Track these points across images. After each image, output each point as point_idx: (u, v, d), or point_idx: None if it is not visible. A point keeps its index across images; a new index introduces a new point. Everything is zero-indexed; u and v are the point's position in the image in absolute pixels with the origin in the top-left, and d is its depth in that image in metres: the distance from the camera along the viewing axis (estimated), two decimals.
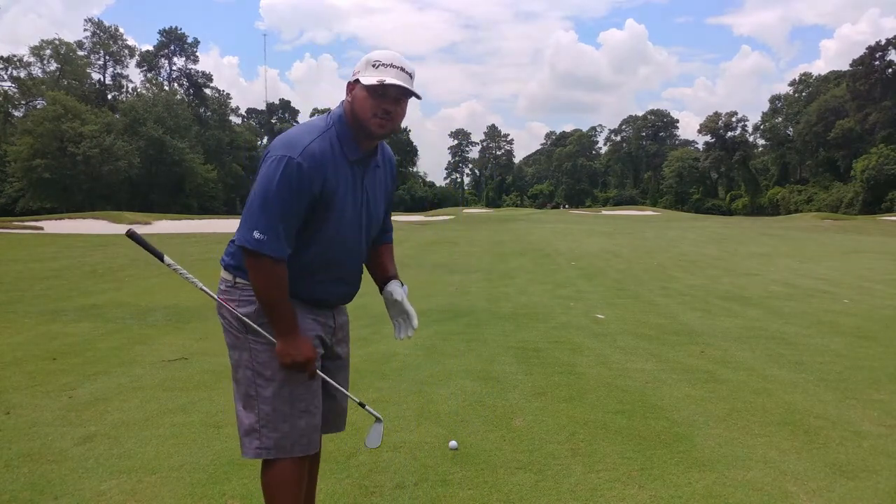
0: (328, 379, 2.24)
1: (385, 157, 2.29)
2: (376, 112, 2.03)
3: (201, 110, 69.47)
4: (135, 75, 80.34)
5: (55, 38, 60.25)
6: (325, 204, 2.03)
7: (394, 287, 2.33)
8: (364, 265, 2.33)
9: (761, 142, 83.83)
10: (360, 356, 5.57)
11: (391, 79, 1.99)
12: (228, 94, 76.25)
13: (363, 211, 2.18)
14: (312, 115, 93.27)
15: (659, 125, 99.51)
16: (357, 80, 2.04)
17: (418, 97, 2.08)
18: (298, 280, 2.07)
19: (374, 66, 2.02)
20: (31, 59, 59.06)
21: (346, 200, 2.09)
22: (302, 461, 2.15)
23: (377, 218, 2.28)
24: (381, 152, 2.24)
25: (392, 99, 2.04)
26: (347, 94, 2.10)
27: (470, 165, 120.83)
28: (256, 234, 1.94)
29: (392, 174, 2.36)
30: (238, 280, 2.12)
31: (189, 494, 2.96)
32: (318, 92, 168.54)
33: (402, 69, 2.03)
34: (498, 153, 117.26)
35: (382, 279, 2.38)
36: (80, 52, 63.63)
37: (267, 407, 2.09)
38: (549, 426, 3.87)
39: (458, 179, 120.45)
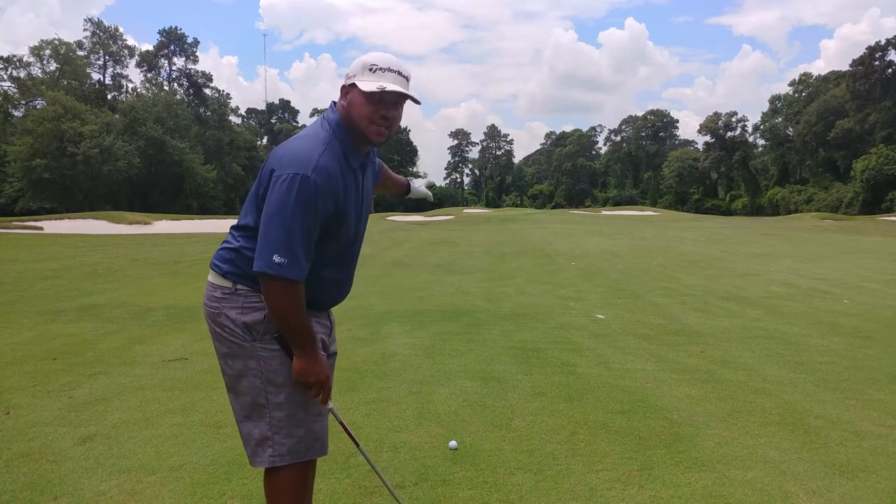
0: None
1: (372, 150, 2.27)
2: (374, 118, 1.99)
3: (201, 110, 69.39)
4: (135, 75, 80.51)
5: (55, 38, 60.22)
6: (339, 216, 2.01)
7: (415, 184, 2.85)
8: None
9: (761, 142, 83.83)
10: (359, 356, 5.57)
11: (391, 85, 1.95)
12: (228, 94, 76.26)
13: (363, 210, 2.20)
14: (312, 115, 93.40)
15: (659, 125, 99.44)
16: (353, 85, 1.99)
17: (417, 102, 2.04)
18: (309, 287, 2.04)
19: (370, 69, 1.97)
20: (31, 59, 59.08)
21: (353, 208, 2.09)
22: (309, 464, 2.13)
23: (369, 209, 2.29)
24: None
25: (390, 104, 2.00)
26: (342, 97, 2.04)
27: (470, 165, 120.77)
28: (276, 258, 1.86)
29: (375, 164, 2.41)
30: (239, 287, 2.04)
31: (189, 494, 2.96)
32: (317, 92, 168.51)
33: (400, 73, 1.98)
34: (498, 153, 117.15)
35: (405, 188, 2.82)
36: (80, 52, 63.54)
37: (280, 413, 2.04)
38: (549, 426, 3.87)
39: (458, 179, 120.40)
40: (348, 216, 2.06)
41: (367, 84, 1.96)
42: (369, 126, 2.00)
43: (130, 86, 69.29)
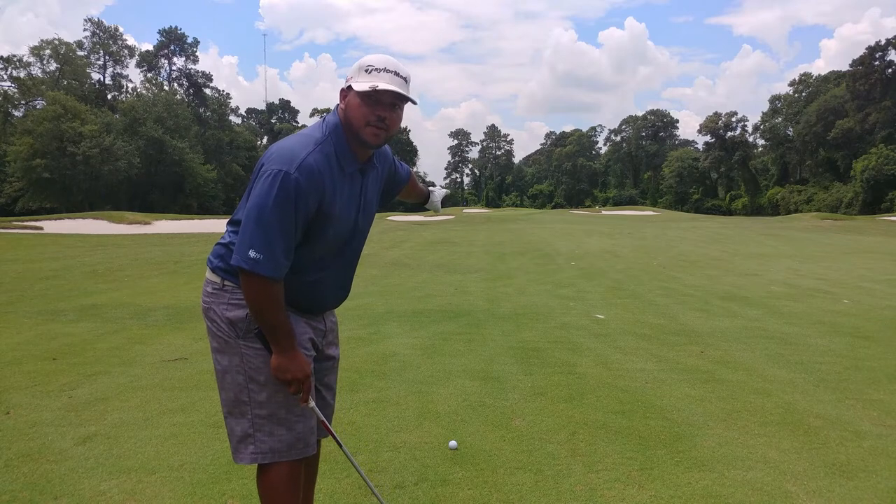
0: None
1: (380, 156, 2.25)
2: (370, 119, 1.97)
3: (201, 110, 69.38)
4: (135, 75, 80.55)
5: (55, 38, 60.28)
6: (323, 217, 1.99)
7: (433, 197, 2.81)
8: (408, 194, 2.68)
9: (761, 142, 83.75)
10: (360, 356, 5.57)
11: (384, 84, 1.93)
12: (228, 94, 76.25)
13: (360, 216, 2.16)
14: (312, 115, 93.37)
15: (659, 125, 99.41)
16: (350, 87, 1.99)
17: (414, 102, 2.02)
18: (294, 288, 2.03)
19: (366, 70, 1.96)
20: (31, 59, 59.12)
21: (344, 211, 2.06)
22: (298, 463, 2.13)
23: (371, 216, 2.27)
24: (375, 153, 2.19)
25: (386, 105, 1.98)
26: (341, 100, 2.04)
27: (470, 165, 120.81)
28: (252, 254, 1.86)
29: (389, 167, 2.35)
30: (227, 283, 2.05)
31: (189, 494, 2.96)
32: (317, 92, 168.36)
33: (397, 73, 1.97)
34: (498, 153, 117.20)
35: (423, 198, 2.78)
36: (80, 52, 63.58)
37: (262, 411, 2.05)
38: (549, 426, 3.87)
39: (458, 179, 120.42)
40: (335, 218, 2.03)
41: (362, 84, 1.95)
42: (365, 128, 1.98)
43: (130, 86, 69.42)
